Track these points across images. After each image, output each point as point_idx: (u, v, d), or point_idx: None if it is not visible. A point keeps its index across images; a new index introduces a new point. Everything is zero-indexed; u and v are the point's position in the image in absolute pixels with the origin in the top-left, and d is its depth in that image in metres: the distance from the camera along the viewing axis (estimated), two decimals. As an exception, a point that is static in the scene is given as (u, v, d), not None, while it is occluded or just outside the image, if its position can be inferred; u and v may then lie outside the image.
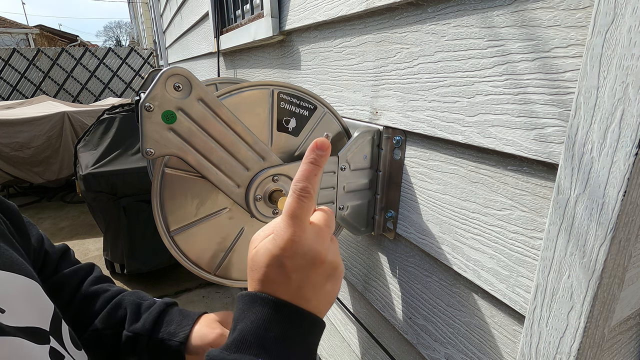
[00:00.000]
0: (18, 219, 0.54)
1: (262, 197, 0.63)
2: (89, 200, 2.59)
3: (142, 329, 0.61)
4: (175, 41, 3.34)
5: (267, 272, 0.35)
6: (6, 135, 3.69)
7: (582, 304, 0.40)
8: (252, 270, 0.36)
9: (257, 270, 0.35)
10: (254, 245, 0.38)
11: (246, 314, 0.34)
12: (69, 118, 3.96)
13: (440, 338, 0.67)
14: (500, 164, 0.50)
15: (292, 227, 0.34)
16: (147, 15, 11.49)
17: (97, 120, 2.88)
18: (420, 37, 0.59)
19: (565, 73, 0.40)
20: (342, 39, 0.81)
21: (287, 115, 0.64)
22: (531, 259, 0.48)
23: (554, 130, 0.42)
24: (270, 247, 0.35)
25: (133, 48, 7.58)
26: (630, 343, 0.53)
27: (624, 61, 0.34)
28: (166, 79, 0.49)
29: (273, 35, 1.09)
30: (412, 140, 0.67)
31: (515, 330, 0.52)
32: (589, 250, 0.39)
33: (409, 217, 0.69)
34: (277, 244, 0.34)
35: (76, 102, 7.09)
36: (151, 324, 0.62)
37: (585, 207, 0.39)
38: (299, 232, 0.34)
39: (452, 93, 0.55)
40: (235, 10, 1.55)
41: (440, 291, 0.65)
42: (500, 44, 0.47)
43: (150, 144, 0.51)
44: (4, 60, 6.67)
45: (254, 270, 0.36)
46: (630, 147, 0.34)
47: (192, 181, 0.59)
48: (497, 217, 0.52)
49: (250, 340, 0.32)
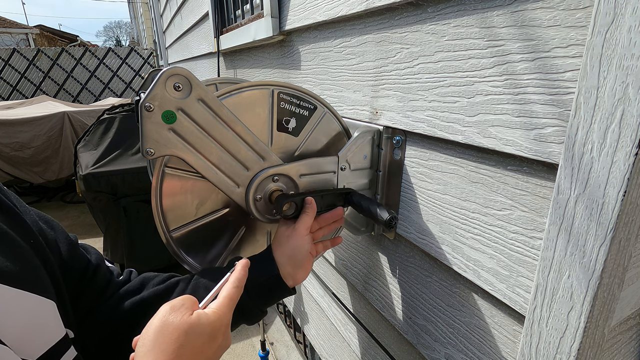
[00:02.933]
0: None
1: (262, 197, 0.63)
2: (89, 200, 2.59)
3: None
4: (175, 41, 3.34)
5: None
6: (6, 135, 3.69)
7: (582, 304, 0.40)
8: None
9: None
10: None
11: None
12: (69, 118, 3.96)
13: (440, 338, 0.67)
14: (500, 164, 0.50)
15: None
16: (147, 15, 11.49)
17: (97, 120, 2.87)
18: (420, 37, 0.59)
19: (565, 73, 0.40)
20: (342, 39, 0.81)
21: (287, 115, 0.64)
22: (531, 259, 0.48)
23: (554, 130, 0.42)
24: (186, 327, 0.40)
25: (133, 48, 7.58)
26: (630, 343, 0.53)
27: (624, 61, 0.34)
28: (166, 79, 0.49)
29: (273, 35, 1.09)
30: (412, 140, 0.67)
31: (515, 330, 0.52)
32: (589, 250, 0.39)
33: (409, 217, 0.69)
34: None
35: (76, 102, 7.08)
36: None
37: (585, 207, 0.39)
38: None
39: (452, 93, 0.55)
40: (235, 10, 1.55)
41: (440, 291, 0.65)
42: (500, 44, 0.47)
43: (150, 144, 0.51)
44: (4, 60, 6.66)
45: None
46: (630, 147, 0.34)
47: (192, 181, 0.59)
48: (497, 217, 0.52)
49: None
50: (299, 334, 1.97)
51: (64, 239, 0.50)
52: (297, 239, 0.59)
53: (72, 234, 0.54)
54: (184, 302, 0.42)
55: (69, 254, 0.50)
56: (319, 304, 1.23)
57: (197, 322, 0.40)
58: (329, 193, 0.65)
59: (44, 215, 0.50)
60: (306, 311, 1.37)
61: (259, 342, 1.91)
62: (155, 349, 0.37)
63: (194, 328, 0.39)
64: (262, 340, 1.87)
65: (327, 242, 0.69)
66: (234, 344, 2.20)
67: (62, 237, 0.50)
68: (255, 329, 2.31)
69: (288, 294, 0.60)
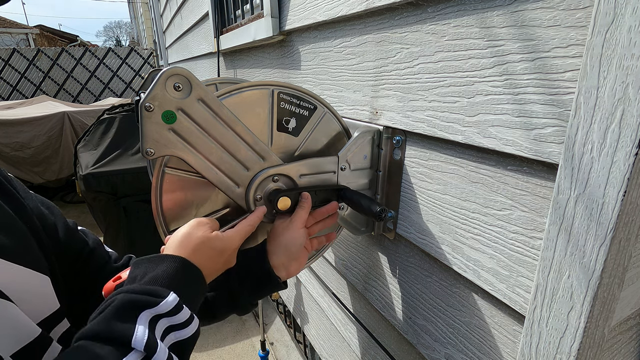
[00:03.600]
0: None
1: (262, 197, 0.63)
2: (89, 200, 2.59)
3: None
4: (175, 41, 3.34)
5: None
6: (6, 135, 3.69)
7: (582, 304, 0.40)
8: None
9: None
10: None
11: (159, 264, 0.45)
12: (69, 118, 3.96)
13: (440, 338, 0.67)
14: (500, 164, 0.50)
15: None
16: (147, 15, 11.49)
17: (97, 120, 2.87)
18: (420, 37, 0.59)
19: (565, 73, 0.40)
20: (342, 39, 0.81)
21: (287, 115, 0.64)
22: (531, 259, 0.48)
23: (554, 130, 0.42)
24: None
25: (133, 48, 7.58)
26: (630, 343, 0.53)
27: (624, 61, 0.34)
28: (166, 79, 0.49)
29: (273, 35, 1.09)
30: (412, 140, 0.67)
31: (515, 330, 0.52)
32: (589, 250, 0.39)
33: (409, 217, 0.69)
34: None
35: (76, 102, 7.08)
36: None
37: (585, 207, 0.39)
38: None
39: (452, 93, 0.55)
40: (235, 10, 1.55)
41: (440, 291, 0.65)
42: (501, 44, 0.47)
43: (150, 144, 0.51)
44: (4, 60, 6.66)
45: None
46: (630, 147, 0.34)
47: (192, 181, 0.59)
48: (497, 217, 0.52)
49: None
50: (299, 334, 1.97)
51: (62, 223, 0.55)
52: (293, 231, 0.61)
53: (71, 220, 0.58)
54: (209, 222, 0.53)
55: (66, 237, 0.54)
56: (319, 304, 1.23)
57: (213, 237, 0.50)
58: (322, 189, 0.67)
59: (46, 201, 0.55)
60: (306, 311, 1.38)
61: (259, 342, 1.91)
62: (180, 247, 0.48)
63: (210, 241, 0.50)
64: (262, 340, 1.87)
65: (322, 238, 0.71)
66: (234, 343, 2.20)
67: (61, 221, 0.55)
68: (255, 329, 2.31)
69: (278, 288, 0.61)
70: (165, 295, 0.39)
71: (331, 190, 0.68)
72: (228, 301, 0.58)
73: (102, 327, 0.35)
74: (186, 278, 0.44)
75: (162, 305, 0.39)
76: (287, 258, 0.60)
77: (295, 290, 1.47)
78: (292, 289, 1.50)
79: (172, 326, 0.40)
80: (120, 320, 0.36)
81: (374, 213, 0.61)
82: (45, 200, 0.55)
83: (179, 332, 0.40)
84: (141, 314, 0.37)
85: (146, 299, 0.38)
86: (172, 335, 0.40)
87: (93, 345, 0.34)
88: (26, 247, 0.44)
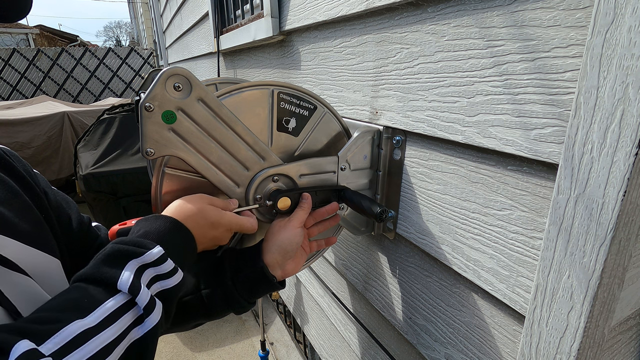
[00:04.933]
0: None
1: (262, 197, 0.63)
2: (89, 200, 2.59)
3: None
4: (175, 41, 3.34)
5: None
6: (6, 135, 3.68)
7: (582, 304, 0.40)
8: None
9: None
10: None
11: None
12: (69, 118, 3.96)
13: (440, 338, 0.67)
14: (500, 164, 0.50)
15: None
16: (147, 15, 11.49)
17: (97, 120, 2.88)
18: (420, 37, 0.59)
19: (565, 73, 0.40)
20: (342, 39, 0.81)
21: (287, 115, 0.64)
22: (531, 259, 0.48)
23: (554, 130, 0.42)
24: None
25: (133, 48, 7.57)
26: (630, 343, 0.53)
27: (624, 61, 0.34)
28: (166, 79, 0.49)
29: (273, 36, 1.09)
30: (412, 140, 0.67)
31: (515, 330, 0.52)
32: (589, 250, 0.39)
33: (409, 217, 0.69)
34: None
35: (76, 102, 7.08)
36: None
37: (585, 207, 0.39)
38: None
39: (452, 93, 0.55)
40: (235, 10, 1.55)
41: (440, 291, 0.65)
42: (500, 44, 0.47)
43: (150, 144, 0.51)
44: (4, 60, 6.66)
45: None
46: (630, 147, 0.34)
47: (192, 181, 0.59)
48: (497, 217, 0.52)
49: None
50: (299, 334, 1.97)
51: (76, 217, 0.60)
52: (289, 230, 0.61)
53: (86, 215, 0.64)
54: (221, 200, 0.57)
55: (79, 229, 0.60)
56: (319, 304, 1.23)
57: (209, 209, 0.54)
58: (322, 190, 0.67)
59: (65, 197, 0.61)
60: (306, 311, 1.38)
61: (259, 342, 1.91)
62: (175, 211, 0.52)
63: (204, 211, 0.53)
64: (262, 340, 1.87)
65: (322, 241, 0.71)
66: (234, 343, 2.20)
67: (75, 215, 0.60)
68: (255, 329, 2.31)
69: (275, 288, 0.61)
70: (151, 247, 0.44)
71: (331, 191, 0.68)
72: (222, 299, 0.59)
73: (94, 271, 0.40)
74: (174, 236, 0.49)
75: (147, 255, 0.43)
76: (282, 257, 0.60)
77: (295, 290, 1.47)
78: (292, 289, 1.50)
79: (158, 276, 0.44)
80: (109, 266, 0.41)
81: (375, 214, 0.61)
82: (66, 196, 0.62)
83: (164, 282, 0.45)
84: (129, 262, 0.42)
85: (133, 250, 0.43)
86: (158, 284, 0.44)
87: (86, 285, 0.39)
88: (41, 234, 0.49)
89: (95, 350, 0.35)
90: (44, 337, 0.33)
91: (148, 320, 0.40)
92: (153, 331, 0.41)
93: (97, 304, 0.37)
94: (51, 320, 0.34)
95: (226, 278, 0.59)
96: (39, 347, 0.32)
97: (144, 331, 0.40)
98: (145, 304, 0.40)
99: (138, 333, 0.40)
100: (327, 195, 0.68)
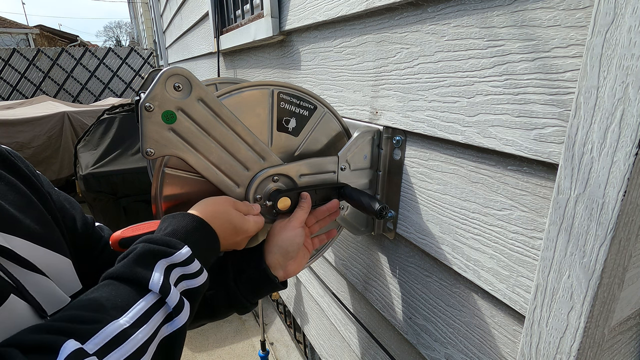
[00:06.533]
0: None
1: (262, 197, 0.63)
2: (89, 200, 2.59)
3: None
4: (175, 41, 3.34)
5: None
6: (6, 135, 3.68)
7: (582, 304, 0.40)
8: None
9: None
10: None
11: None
12: (69, 118, 3.96)
13: (440, 338, 0.67)
14: (500, 164, 0.50)
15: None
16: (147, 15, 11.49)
17: (97, 120, 2.87)
18: (420, 37, 0.59)
19: (565, 73, 0.40)
20: (342, 39, 0.81)
21: (287, 115, 0.64)
22: (531, 259, 0.48)
23: (554, 130, 0.42)
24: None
25: (133, 48, 7.57)
26: (630, 343, 0.53)
27: (624, 61, 0.34)
28: (166, 79, 0.49)
29: (273, 36, 1.09)
30: (412, 140, 0.67)
31: (515, 330, 0.52)
32: (589, 250, 0.39)
33: (409, 217, 0.69)
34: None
35: (76, 102, 7.08)
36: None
37: (585, 207, 0.39)
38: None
39: (452, 93, 0.55)
40: (235, 10, 1.55)
41: (440, 291, 0.65)
42: (500, 44, 0.47)
43: (150, 144, 0.51)
44: (4, 60, 6.66)
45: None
46: (630, 147, 0.34)
47: (192, 181, 0.59)
48: (497, 217, 0.52)
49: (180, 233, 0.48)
50: (299, 334, 1.97)
51: (80, 217, 0.61)
52: (290, 230, 0.61)
53: (89, 215, 0.65)
54: (245, 204, 0.59)
55: (83, 229, 0.60)
56: (319, 304, 1.23)
57: (235, 214, 0.55)
58: (322, 188, 0.67)
59: (68, 197, 0.62)
60: (306, 311, 1.38)
61: (259, 342, 1.91)
62: (203, 211, 0.53)
63: (230, 215, 0.55)
64: (262, 340, 1.87)
65: (323, 236, 0.71)
66: (234, 343, 2.20)
67: (80, 216, 0.61)
68: (256, 329, 2.31)
69: (277, 288, 0.61)
70: (179, 247, 0.45)
71: (332, 189, 0.68)
72: (226, 299, 0.59)
73: (125, 270, 0.41)
74: (200, 235, 0.50)
75: (177, 255, 0.44)
76: (283, 257, 0.60)
77: (295, 290, 1.47)
78: (292, 289, 1.50)
79: (185, 275, 0.45)
80: (140, 266, 0.42)
81: (375, 211, 0.61)
82: (68, 196, 0.62)
83: (190, 281, 0.46)
84: (158, 262, 0.43)
85: (163, 250, 0.44)
86: (184, 283, 0.45)
87: (118, 284, 0.40)
88: (52, 234, 0.50)
89: (133, 349, 0.36)
90: (87, 336, 0.34)
91: (177, 319, 0.42)
92: (182, 329, 0.42)
93: (131, 304, 0.39)
94: (91, 320, 0.35)
95: (229, 279, 0.59)
96: (83, 346, 0.33)
97: (173, 329, 0.42)
98: (175, 304, 0.42)
99: (167, 330, 0.41)
100: (327, 193, 0.68)
